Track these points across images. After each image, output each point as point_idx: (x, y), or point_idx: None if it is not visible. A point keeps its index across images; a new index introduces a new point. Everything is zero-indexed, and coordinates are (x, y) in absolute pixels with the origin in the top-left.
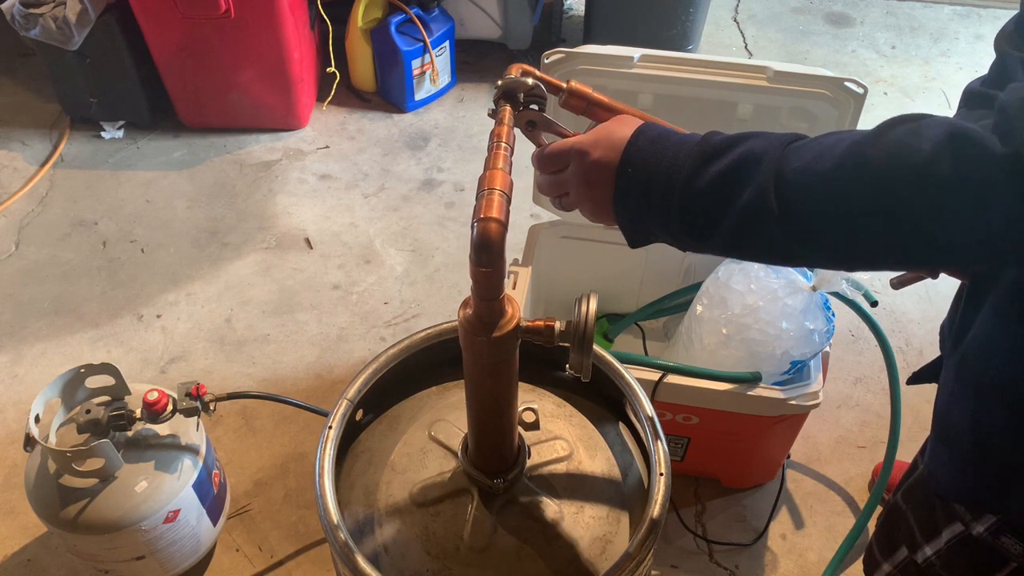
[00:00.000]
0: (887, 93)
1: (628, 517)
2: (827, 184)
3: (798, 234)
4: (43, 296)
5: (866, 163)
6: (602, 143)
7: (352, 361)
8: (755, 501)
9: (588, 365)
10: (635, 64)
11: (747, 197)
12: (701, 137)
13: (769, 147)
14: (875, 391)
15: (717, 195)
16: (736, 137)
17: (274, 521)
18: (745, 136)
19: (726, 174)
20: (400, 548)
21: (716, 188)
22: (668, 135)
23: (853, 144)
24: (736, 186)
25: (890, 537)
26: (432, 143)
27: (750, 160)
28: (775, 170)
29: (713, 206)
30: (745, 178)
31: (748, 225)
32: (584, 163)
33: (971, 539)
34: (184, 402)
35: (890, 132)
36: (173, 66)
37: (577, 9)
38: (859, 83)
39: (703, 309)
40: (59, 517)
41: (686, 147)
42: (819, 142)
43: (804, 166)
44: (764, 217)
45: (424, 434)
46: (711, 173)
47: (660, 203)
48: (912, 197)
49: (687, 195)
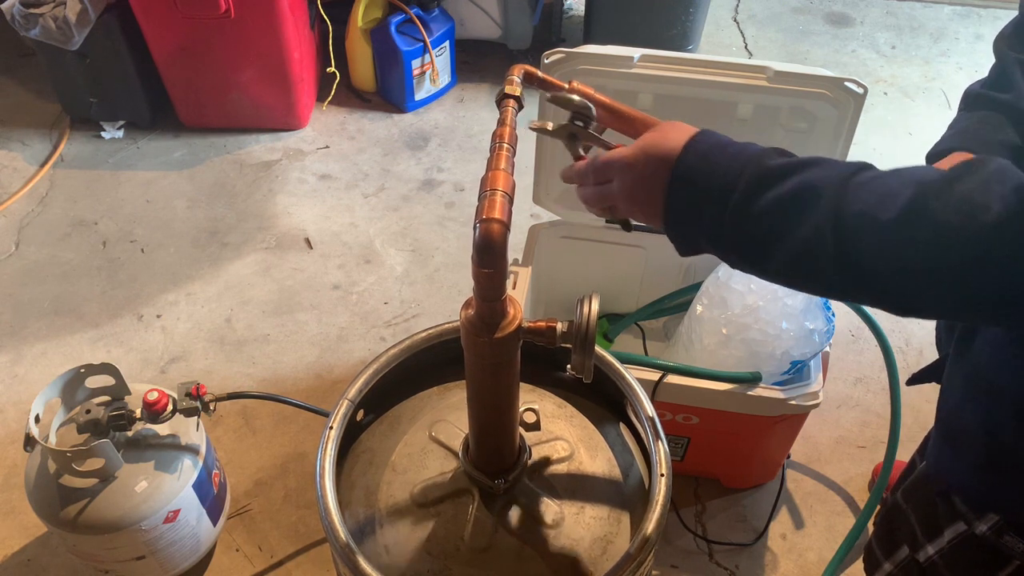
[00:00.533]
0: (887, 93)
1: (629, 517)
2: (889, 235)
3: (855, 278)
4: (43, 296)
5: (931, 218)
6: (650, 155)
7: (352, 361)
8: (755, 501)
9: (590, 366)
10: (635, 64)
11: (803, 233)
12: (757, 155)
13: (829, 180)
14: (875, 391)
15: (772, 225)
16: (795, 164)
17: (274, 521)
18: (804, 163)
19: (782, 204)
20: (401, 548)
21: (771, 218)
22: (721, 148)
23: (918, 193)
24: (792, 219)
25: (891, 536)
26: (432, 143)
27: (809, 193)
28: (834, 210)
29: (767, 236)
30: (803, 211)
31: (802, 261)
32: (629, 177)
33: (974, 538)
34: (184, 402)
35: (958, 185)
36: (173, 66)
37: (577, 9)
38: (859, 83)
39: (703, 309)
40: (59, 517)
41: (739, 165)
42: (882, 182)
43: (865, 210)
44: (819, 256)
45: (425, 434)
46: (767, 200)
47: (712, 224)
48: (977, 259)
49: (740, 220)
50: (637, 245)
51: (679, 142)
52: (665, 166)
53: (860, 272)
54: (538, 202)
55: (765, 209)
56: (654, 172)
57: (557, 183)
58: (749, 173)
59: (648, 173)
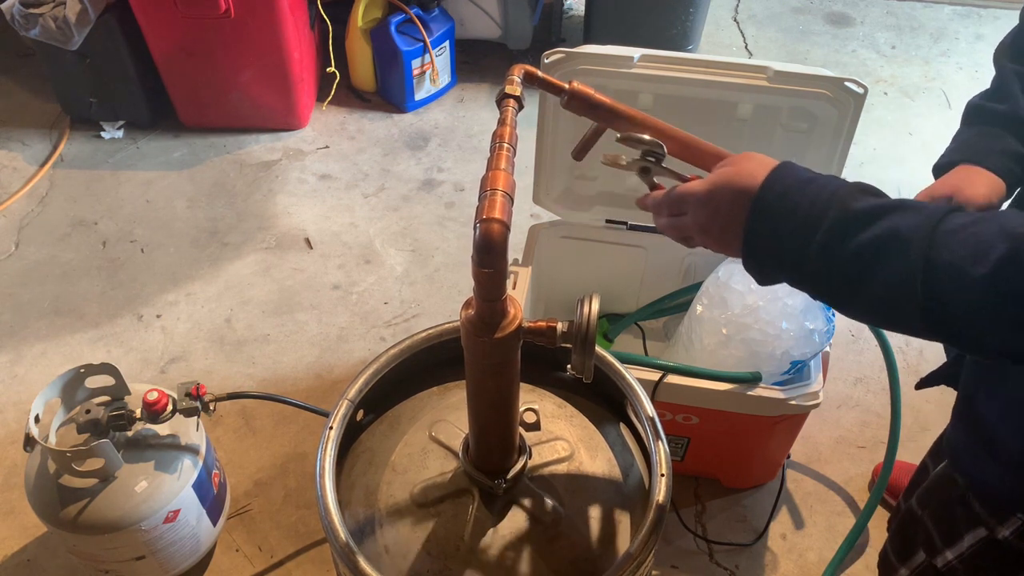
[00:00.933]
0: (887, 93)
1: (629, 517)
2: (981, 291)
3: (940, 326)
4: (43, 296)
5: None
6: (725, 189)
7: (352, 361)
8: (755, 501)
9: (590, 366)
10: (635, 64)
11: (890, 279)
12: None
13: (919, 227)
14: (875, 391)
15: (855, 270)
16: (882, 207)
17: (274, 521)
18: (891, 206)
19: (869, 250)
20: (401, 548)
21: (856, 262)
22: (803, 184)
23: (1012, 247)
24: (878, 266)
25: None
26: (432, 143)
27: (897, 239)
28: (924, 260)
29: (850, 281)
30: (889, 259)
31: (887, 306)
32: (704, 212)
33: (995, 543)
34: (184, 402)
35: None
36: (173, 66)
37: (577, 9)
38: (859, 83)
39: (703, 309)
40: (59, 517)
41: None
42: (973, 232)
43: (956, 262)
44: (907, 304)
45: (425, 434)
46: (852, 245)
47: (793, 264)
48: None
49: (822, 263)
50: (637, 245)
51: (758, 176)
52: (743, 200)
53: (949, 323)
54: (538, 202)
55: (850, 253)
56: (731, 206)
57: (557, 183)
58: (833, 215)
59: (724, 208)
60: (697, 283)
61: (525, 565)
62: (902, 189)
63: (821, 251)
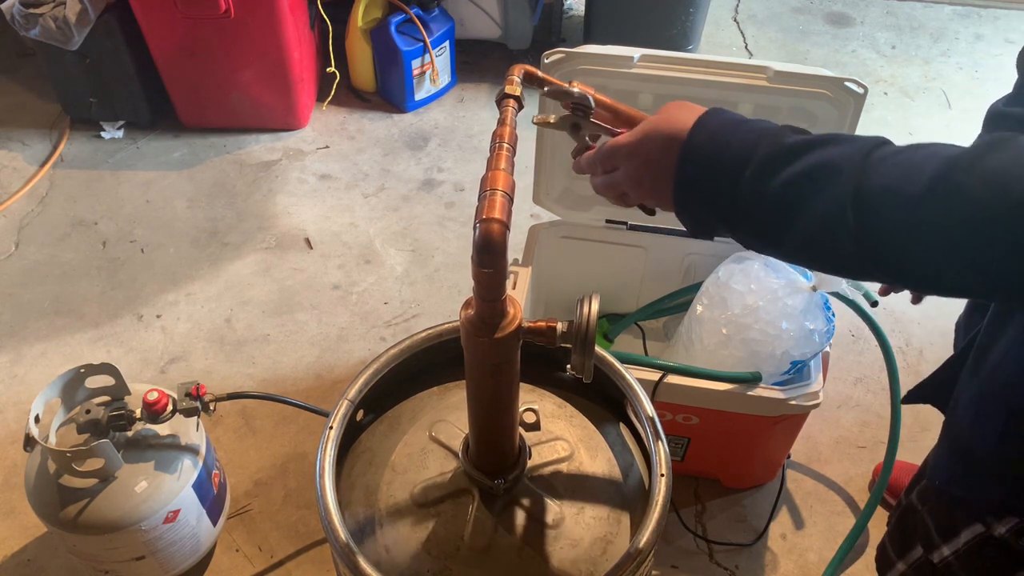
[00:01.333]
0: (887, 93)
1: (629, 517)
2: (913, 210)
3: (874, 255)
4: (43, 296)
5: (959, 192)
6: (655, 136)
7: (352, 361)
8: (755, 501)
9: (590, 366)
10: (635, 64)
11: (822, 209)
12: (770, 132)
13: (849, 155)
14: (875, 391)
15: (788, 202)
16: (811, 140)
17: (274, 521)
18: (822, 139)
19: (799, 180)
20: (401, 548)
21: (787, 195)
22: (733, 125)
23: (945, 168)
24: (810, 195)
25: (905, 537)
26: (432, 143)
27: (828, 168)
28: (855, 184)
29: (783, 213)
30: (821, 188)
31: (821, 237)
32: (636, 161)
33: (992, 539)
34: (184, 402)
35: (987, 159)
36: (173, 66)
37: (577, 9)
38: (859, 83)
39: (703, 309)
40: (59, 517)
41: (752, 140)
42: (906, 157)
43: (889, 185)
44: (839, 233)
45: (425, 434)
46: (782, 177)
47: (725, 202)
48: (1009, 236)
49: (755, 196)
50: (637, 245)
51: (688, 121)
52: (673, 146)
53: (881, 248)
54: (538, 202)
55: (782, 184)
56: (661, 153)
57: (557, 183)
58: (764, 149)
59: (654, 155)
60: (697, 283)
61: (525, 565)
62: None
63: (751, 187)
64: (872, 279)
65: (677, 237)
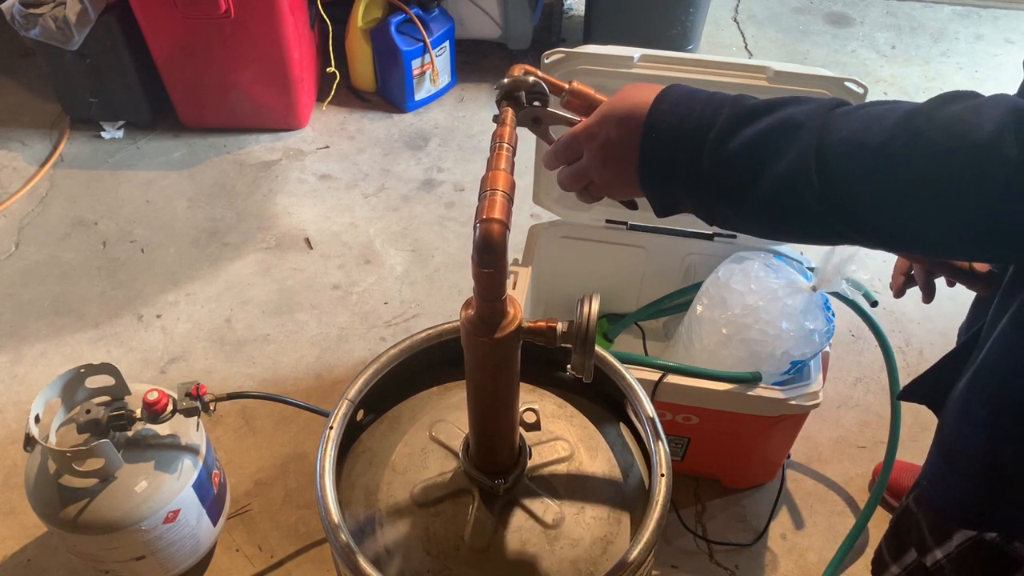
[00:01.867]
0: (887, 93)
1: (629, 517)
2: (875, 159)
3: (840, 210)
4: (43, 296)
5: (919, 138)
6: (614, 116)
7: (352, 361)
8: (755, 501)
9: (590, 366)
10: (635, 64)
11: (785, 165)
12: (732, 98)
13: (811, 113)
14: (875, 391)
15: (751, 160)
16: (773, 101)
17: (274, 521)
18: (784, 101)
19: (762, 138)
20: (401, 548)
21: (751, 153)
22: (694, 94)
23: (905, 117)
24: (773, 152)
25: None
26: (432, 143)
27: (789, 125)
28: (818, 138)
29: (747, 172)
30: (784, 144)
31: (785, 196)
32: (597, 143)
33: (983, 543)
34: (184, 402)
35: (947, 107)
36: (173, 66)
37: (577, 9)
38: (859, 83)
39: (703, 309)
40: (59, 517)
41: (714, 107)
42: (866, 111)
43: (850, 136)
44: (803, 189)
45: (425, 434)
46: (745, 136)
47: (687, 168)
48: (969, 180)
49: (717, 159)
50: (637, 245)
51: (647, 97)
52: (634, 121)
53: (845, 201)
54: (538, 202)
55: (744, 145)
56: (621, 129)
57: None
58: (726, 112)
59: (614, 134)
60: (697, 283)
61: (525, 565)
62: None
63: (714, 150)
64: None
65: (677, 237)
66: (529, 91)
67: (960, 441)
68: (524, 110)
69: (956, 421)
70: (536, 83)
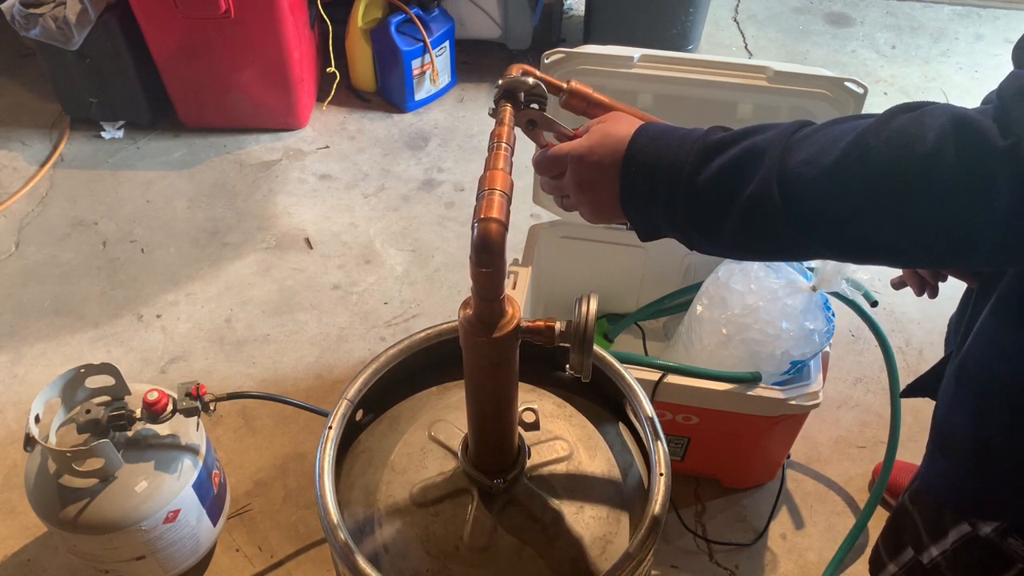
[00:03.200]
0: (887, 93)
1: (628, 517)
2: (831, 177)
3: (805, 228)
4: (43, 296)
5: (869, 154)
6: (599, 146)
7: (352, 361)
8: (755, 501)
9: (588, 365)
10: (635, 64)
11: (750, 191)
12: (703, 132)
13: (773, 139)
14: (875, 391)
15: (721, 190)
16: (739, 132)
17: (274, 521)
18: (749, 130)
19: (729, 168)
20: (400, 548)
21: (720, 183)
22: (670, 131)
23: (857, 135)
24: (739, 180)
25: (896, 538)
26: (432, 143)
27: (753, 153)
28: (779, 163)
29: (718, 202)
30: (749, 172)
31: (753, 220)
32: (582, 167)
33: (978, 540)
34: (184, 402)
35: (893, 121)
36: (173, 66)
37: (577, 9)
38: (859, 83)
39: (703, 309)
40: (59, 517)
41: (688, 142)
42: (825, 132)
43: (808, 158)
44: (769, 211)
45: (424, 434)
46: (714, 168)
47: (665, 200)
48: (917, 189)
49: (691, 191)
50: (637, 245)
51: (628, 130)
52: (615, 153)
53: (809, 220)
54: (538, 202)
55: (713, 176)
56: (603, 159)
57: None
58: (698, 146)
59: (598, 162)
60: (697, 283)
61: (524, 565)
62: None
63: (688, 182)
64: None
65: None
66: (528, 92)
67: (951, 429)
68: (522, 112)
69: (947, 410)
70: (536, 85)
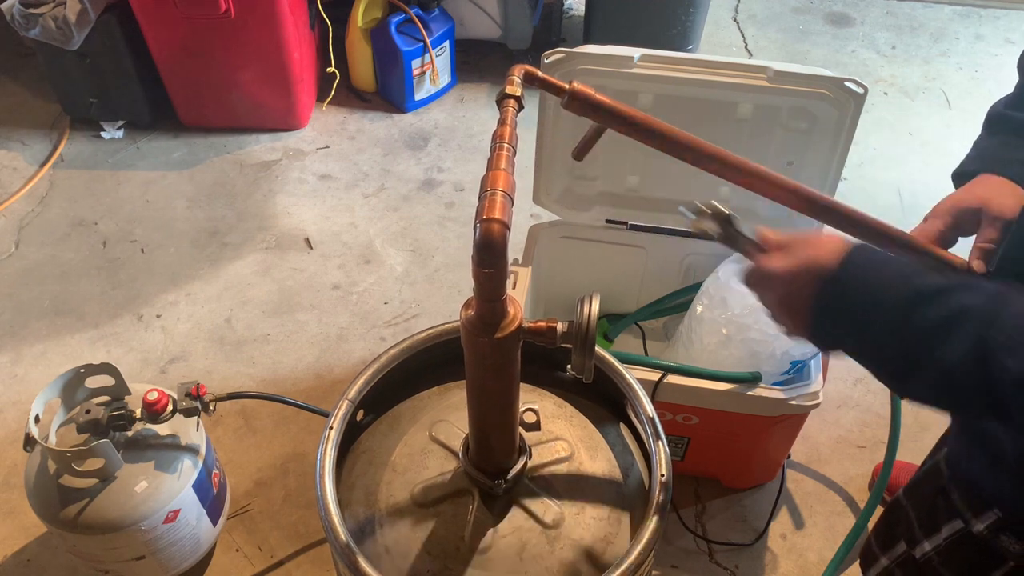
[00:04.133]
0: (887, 93)
1: (629, 518)
2: None
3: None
4: (43, 296)
5: None
6: (802, 274)
7: (352, 361)
8: (755, 501)
9: (590, 366)
10: (635, 64)
11: (948, 361)
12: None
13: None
14: (875, 391)
15: (922, 348)
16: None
17: (274, 521)
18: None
19: (933, 328)
20: (401, 548)
21: (922, 341)
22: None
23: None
24: (938, 346)
25: (889, 531)
26: (432, 143)
27: (956, 320)
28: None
29: (917, 358)
30: (949, 340)
31: (945, 387)
32: (781, 293)
33: (970, 536)
34: (184, 402)
35: None
36: (173, 66)
37: (577, 9)
38: (859, 83)
39: (703, 309)
40: (59, 517)
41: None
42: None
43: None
44: (964, 386)
45: (425, 434)
46: (918, 324)
47: (858, 343)
48: None
49: (886, 340)
50: (637, 245)
51: (832, 260)
52: (815, 283)
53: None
54: (538, 202)
55: (915, 333)
56: (803, 290)
57: (557, 183)
58: (903, 292)
59: (798, 290)
60: (697, 283)
61: (525, 565)
62: (902, 189)
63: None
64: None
65: (677, 237)
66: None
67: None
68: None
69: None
70: (729, 215)
